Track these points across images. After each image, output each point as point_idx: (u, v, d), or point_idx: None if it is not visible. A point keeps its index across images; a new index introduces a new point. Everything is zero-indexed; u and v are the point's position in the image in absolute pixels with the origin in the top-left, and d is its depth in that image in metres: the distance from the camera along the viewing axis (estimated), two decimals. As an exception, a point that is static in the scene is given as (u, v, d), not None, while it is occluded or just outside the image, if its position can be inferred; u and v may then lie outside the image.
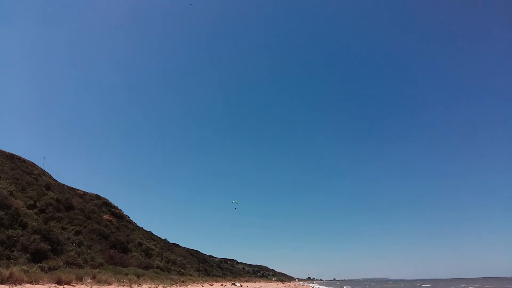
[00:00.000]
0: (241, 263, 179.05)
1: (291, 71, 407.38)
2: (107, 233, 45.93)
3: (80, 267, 30.08)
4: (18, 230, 27.90)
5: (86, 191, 64.02)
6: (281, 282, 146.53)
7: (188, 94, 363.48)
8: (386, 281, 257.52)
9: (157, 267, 49.77)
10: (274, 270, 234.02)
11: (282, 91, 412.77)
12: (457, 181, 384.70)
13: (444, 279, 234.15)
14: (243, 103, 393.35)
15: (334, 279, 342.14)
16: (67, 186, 58.94)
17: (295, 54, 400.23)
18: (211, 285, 49.32)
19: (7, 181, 40.72)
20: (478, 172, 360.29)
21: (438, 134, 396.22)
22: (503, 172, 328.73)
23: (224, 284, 58.73)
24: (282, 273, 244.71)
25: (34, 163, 58.42)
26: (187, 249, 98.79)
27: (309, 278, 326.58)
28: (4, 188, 35.65)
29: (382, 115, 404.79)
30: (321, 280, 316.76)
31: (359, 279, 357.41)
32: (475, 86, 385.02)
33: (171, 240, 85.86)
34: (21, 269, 20.47)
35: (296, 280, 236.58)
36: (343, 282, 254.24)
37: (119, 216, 63.09)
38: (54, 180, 58.10)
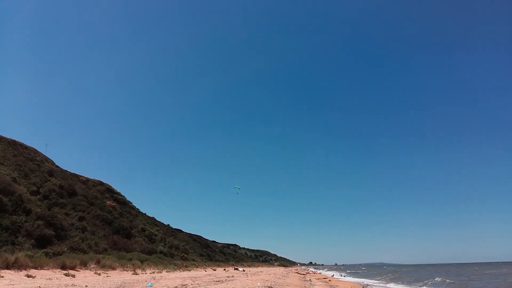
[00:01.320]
0: (244, 248, 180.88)
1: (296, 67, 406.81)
2: (110, 219, 46.16)
3: (84, 252, 30.26)
4: (22, 216, 27.99)
5: (89, 177, 64.21)
6: (283, 267, 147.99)
7: (192, 84, 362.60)
8: (389, 265, 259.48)
9: (161, 252, 50.15)
10: (276, 255, 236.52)
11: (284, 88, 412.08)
12: (458, 169, 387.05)
13: (447, 264, 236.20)
14: (248, 96, 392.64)
15: (336, 264, 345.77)
16: (70, 172, 59.06)
17: (296, 51, 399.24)
18: (214, 270, 49.72)
19: (10, 167, 40.76)
20: (479, 161, 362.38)
21: (442, 128, 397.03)
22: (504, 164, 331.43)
23: (227, 269, 59.23)
24: (284, 258, 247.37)
25: (36, 150, 58.48)
26: (190, 235, 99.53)
27: (310, 263, 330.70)
28: (7, 175, 35.67)
29: (388, 111, 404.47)
30: (323, 264, 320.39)
31: (360, 264, 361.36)
32: (476, 84, 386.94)
33: (174, 225, 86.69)
34: (26, 255, 20.58)
35: (298, 265, 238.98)
36: (345, 266, 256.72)
37: (122, 202, 63.33)
38: (57, 166, 58.23)
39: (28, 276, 17.91)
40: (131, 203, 68.87)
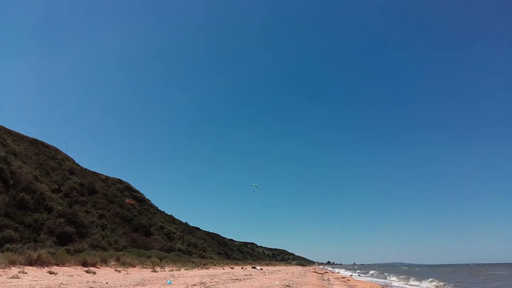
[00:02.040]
0: (261, 246, 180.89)
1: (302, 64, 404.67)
2: (129, 216, 46.67)
3: (105, 249, 30.61)
4: (44, 214, 28.46)
5: (108, 175, 65.11)
6: (301, 266, 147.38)
7: (207, 81, 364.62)
8: (408, 265, 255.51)
9: (179, 250, 50.49)
10: (293, 254, 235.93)
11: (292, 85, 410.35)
12: (477, 169, 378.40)
13: (467, 264, 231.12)
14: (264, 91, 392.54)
15: (354, 264, 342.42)
16: (90, 170, 60.01)
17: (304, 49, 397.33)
18: (231, 268, 49.78)
19: (32, 166, 41.59)
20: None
21: (455, 123, 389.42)
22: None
23: (244, 267, 59.23)
24: (301, 257, 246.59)
25: (57, 148, 59.64)
26: (208, 233, 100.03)
27: (328, 262, 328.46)
28: (29, 173, 36.37)
29: (408, 105, 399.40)
30: (341, 264, 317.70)
31: (379, 264, 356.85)
32: (477, 81, 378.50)
33: (192, 223, 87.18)
34: (48, 252, 20.90)
35: (316, 264, 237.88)
36: (363, 266, 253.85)
37: (141, 200, 64.01)
38: (77, 164, 59.24)
39: (51, 272, 18.16)
40: (149, 201, 69.60)
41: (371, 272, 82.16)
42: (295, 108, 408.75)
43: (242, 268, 54.91)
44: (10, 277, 14.52)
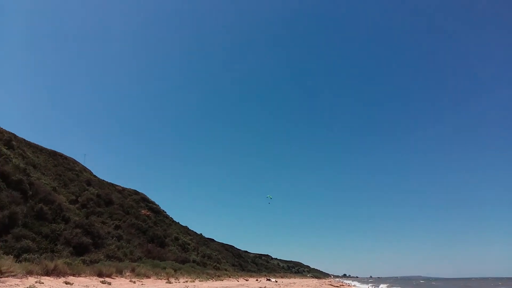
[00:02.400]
0: (276, 258, 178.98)
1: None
2: (145, 227, 46.90)
3: (120, 260, 30.75)
4: (61, 225, 28.80)
5: (125, 186, 65.77)
6: (316, 278, 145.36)
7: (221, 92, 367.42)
8: (426, 279, 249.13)
9: (193, 261, 50.36)
10: (309, 266, 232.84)
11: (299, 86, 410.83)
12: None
13: (486, 278, 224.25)
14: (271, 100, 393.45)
15: (371, 277, 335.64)
16: (107, 182, 60.74)
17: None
18: (246, 280, 49.39)
19: (50, 177, 42.36)
20: None
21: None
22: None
23: (259, 279, 58.72)
24: (317, 269, 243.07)
25: (75, 160, 60.64)
26: (222, 244, 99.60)
27: (344, 275, 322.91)
28: (48, 184, 37.02)
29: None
30: (357, 277, 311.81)
31: (397, 277, 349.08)
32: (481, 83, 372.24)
33: (206, 235, 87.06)
34: (65, 262, 21.08)
35: (332, 276, 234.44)
36: (380, 279, 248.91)
37: (156, 211, 64.35)
38: (95, 176, 60.04)
39: (66, 283, 18.30)
40: (165, 212, 69.89)
41: (381, 285, 79.87)
42: (313, 115, 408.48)
43: (256, 280, 54.46)
44: (27, 287, 14.69)
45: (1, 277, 15.33)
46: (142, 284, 23.72)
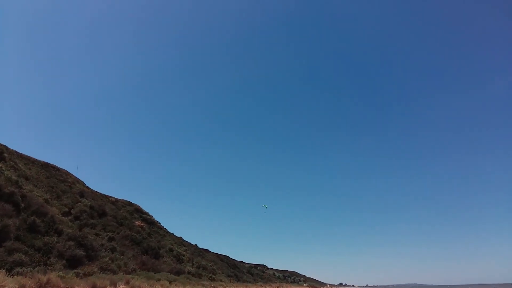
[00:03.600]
0: (272, 268, 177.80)
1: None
2: (139, 239, 46.47)
3: (114, 272, 30.37)
4: (54, 237, 28.48)
5: (118, 198, 65.25)
6: None
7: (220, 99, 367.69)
8: (422, 286, 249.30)
9: (189, 272, 49.88)
10: (305, 275, 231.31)
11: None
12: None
13: (483, 284, 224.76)
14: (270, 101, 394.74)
15: (367, 285, 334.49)
16: (100, 193, 60.22)
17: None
18: (242, 291, 49.01)
19: (43, 189, 41.90)
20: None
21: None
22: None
23: (255, 289, 58.30)
24: (313, 278, 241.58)
25: (68, 171, 60.05)
26: (217, 255, 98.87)
27: (341, 284, 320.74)
28: (40, 196, 36.62)
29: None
30: (353, 286, 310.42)
31: (393, 285, 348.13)
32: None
33: (201, 245, 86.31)
34: (58, 275, 20.80)
35: (328, 286, 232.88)
36: None
37: (150, 222, 63.88)
38: (87, 187, 59.50)
39: (60, 296, 18.03)
40: (159, 223, 69.40)
41: None
42: (301, 135, 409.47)
43: (252, 290, 54.05)
44: (19, 302, 14.43)
45: (-7, 292, 15.07)
46: (137, 297, 23.40)
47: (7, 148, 45.94)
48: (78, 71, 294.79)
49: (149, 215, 67.26)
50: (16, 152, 49.32)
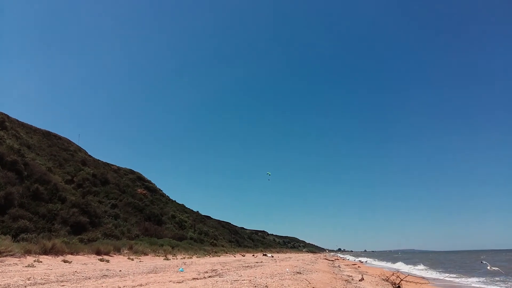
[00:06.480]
0: (272, 234, 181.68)
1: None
2: (141, 206, 47.20)
3: (117, 238, 31.11)
4: (57, 204, 28.98)
5: (120, 166, 65.76)
6: (312, 253, 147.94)
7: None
8: (419, 252, 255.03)
9: (191, 238, 51.03)
10: (304, 241, 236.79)
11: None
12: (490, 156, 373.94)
13: (477, 250, 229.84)
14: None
15: (365, 251, 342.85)
16: (102, 161, 60.68)
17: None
18: (243, 256, 50.26)
19: (45, 157, 42.24)
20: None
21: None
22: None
23: (255, 254, 59.80)
24: (312, 244, 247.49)
25: (69, 140, 60.35)
26: (219, 221, 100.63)
27: (339, 249, 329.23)
28: (43, 164, 36.96)
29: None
30: (352, 251, 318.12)
31: (391, 250, 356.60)
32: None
33: (203, 212, 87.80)
34: (62, 241, 21.33)
35: (327, 251, 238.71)
36: (374, 253, 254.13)
37: (153, 190, 64.62)
38: (90, 156, 59.91)
39: (65, 261, 18.56)
40: (161, 190, 70.19)
41: (360, 258, 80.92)
42: (304, 97, 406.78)
43: (253, 255, 55.42)
44: (25, 266, 14.89)
45: (-1, 257, 15.53)
46: (140, 261, 24.09)
47: (8, 116, 45.94)
48: (77, 35, 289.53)
49: (151, 183, 67.96)
50: (17, 120, 49.38)
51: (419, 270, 41.79)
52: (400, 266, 50.16)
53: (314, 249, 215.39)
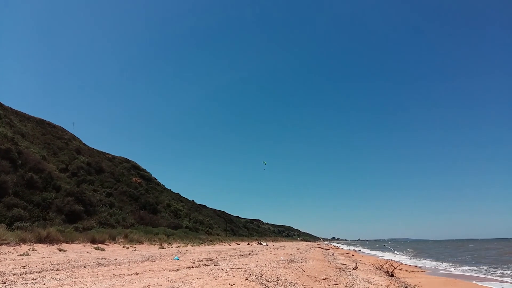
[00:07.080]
0: (267, 223, 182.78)
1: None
2: (136, 195, 47.20)
3: (113, 227, 31.19)
4: (52, 193, 28.91)
5: (115, 154, 65.54)
6: (306, 242, 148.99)
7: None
8: (411, 241, 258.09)
9: (186, 227, 51.23)
10: (299, 230, 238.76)
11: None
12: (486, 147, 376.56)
13: (467, 240, 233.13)
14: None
15: (359, 239, 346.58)
16: (97, 150, 60.43)
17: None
18: (238, 244, 50.56)
19: (39, 146, 41.96)
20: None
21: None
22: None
23: (250, 243, 60.14)
24: (307, 233, 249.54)
25: (64, 128, 59.91)
26: (214, 210, 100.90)
27: (333, 238, 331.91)
28: (37, 153, 36.73)
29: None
30: (346, 240, 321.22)
31: (384, 239, 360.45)
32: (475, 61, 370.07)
33: (198, 201, 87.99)
34: (57, 229, 21.31)
35: (321, 240, 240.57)
36: (368, 242, 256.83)
37: (148, 178, 64.57)
38: (84, 144, 59.62)
39: (60, 249, 18.58)
40: (156, 179, 70.16)
41: (351, 247, 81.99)
42: (297, 90, 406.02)
43: (248, 244, 55.76)
44: (20, 254, 14.88)
45: (-6, 245, 15.51)
46: (135, 250, 24.16)
47: (1, 104, 45.49)
48: (75, 25, 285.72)
49: (146, 172, 67.88)
50: (11, 108, 48.88)
51: (408, 258, 42.32)
52: (388, 255, 50.58)
53: (308, 238, 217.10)
